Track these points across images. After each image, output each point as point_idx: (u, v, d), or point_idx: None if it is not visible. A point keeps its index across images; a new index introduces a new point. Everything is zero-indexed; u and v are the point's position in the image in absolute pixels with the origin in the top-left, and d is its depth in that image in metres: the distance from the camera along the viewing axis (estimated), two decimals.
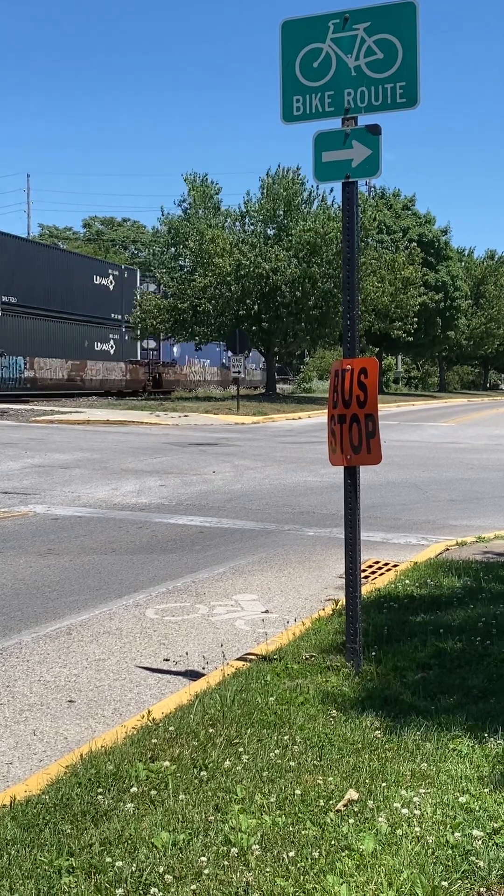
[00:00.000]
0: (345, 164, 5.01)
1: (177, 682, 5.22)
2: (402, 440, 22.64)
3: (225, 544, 9.26)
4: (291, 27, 5.19)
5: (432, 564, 7.71)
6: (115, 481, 13.88)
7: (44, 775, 3.80)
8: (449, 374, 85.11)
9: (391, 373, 74.38)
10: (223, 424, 28.21)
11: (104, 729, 4.51)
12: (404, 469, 15.98)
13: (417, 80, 4.91)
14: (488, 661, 5.06)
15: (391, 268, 44.69)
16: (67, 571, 7.96)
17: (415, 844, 3.10)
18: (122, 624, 6.42)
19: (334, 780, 3.60)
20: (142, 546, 9.15)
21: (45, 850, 3.10)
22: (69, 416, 28.58)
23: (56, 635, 6.13)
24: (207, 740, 4.00)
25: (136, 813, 3.35)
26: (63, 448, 18.78)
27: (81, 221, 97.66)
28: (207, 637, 6.13)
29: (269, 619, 6.53)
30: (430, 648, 5.26)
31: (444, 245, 61.88)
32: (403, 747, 3.91)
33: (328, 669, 4.96)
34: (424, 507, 11.92)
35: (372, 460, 4.88)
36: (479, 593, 6.57)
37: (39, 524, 10.23)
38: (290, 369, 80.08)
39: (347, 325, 5.01)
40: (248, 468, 16.01)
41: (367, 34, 4.98)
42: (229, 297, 38.83)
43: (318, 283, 38.50)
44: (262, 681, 4.77)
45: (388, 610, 6.17)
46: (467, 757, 3.82)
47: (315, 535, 9.76)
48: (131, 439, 21.76)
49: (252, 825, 3.23)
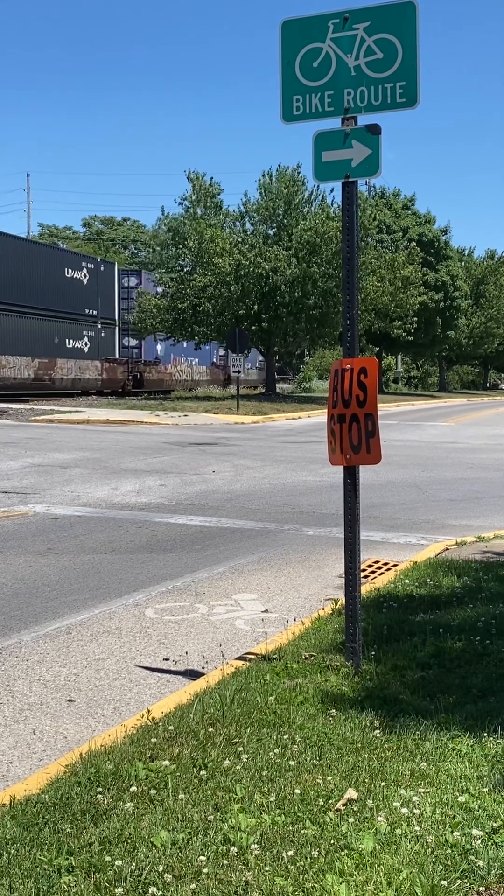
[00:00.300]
0: (345, 164, 5.01)
1: (176, 682, 5.22)
2: (401, 440, 22.64)
3: (225, 544, 9.26)
4: (291, 27, 5.20)
5: (432, 564, 7.71)
6: (115, 481, 13.88)
7: (43, 774, 3.80)
8: (449, 373, 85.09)
9: (391, 372, 74.39)
10: (223, 424, 28.21)
11: (104, 728, 4.51)
12: (404, 469, 15.98)
13: (417, 79, 4.91)
14: (488, 660, 5.06)
15: (391, 267, 44.70)
16: (67, 571, 7.96)
17: (414, 844, 3.11)
18: (122, 623, 6.42)
19: (334, 779, 3.61)
20: (141, 545, 9.15)
21: (45, 849, 3.10)
22: (69, 416, 28.59)
23: (56, 635, 6.13)
24: (207, 739, 4.00)
25: (136, 812, 3.36)
26: (63, 447, 18.78)
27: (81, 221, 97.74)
28: (207, 636, 6.13)
29: (268, 619, 6.54)
30: (430, 648, 5.27)
31: (444, 245, 61.90)
32: (403, 747, 3.92)
33: (328, 669, 4.96)
34: (424, 506, 11.92)
35: (371, 460, 4.88)
36: (478, 593, 6.57)
37: (39, 524, 10.23)
38: (290, 369, 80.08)
39: (347, 325, 5.01)
40: (248, 468, 16.01)
41: (366, 34, 4.98)
42: (229, 297, 38.82)
43: (317, 282, 38.50)
44: (262, 680, 4.78)
45: (387, 609, 6.17)
46: (467, 756, 3.82)
47: (315, 535, 9.77)
48: (131, 439, 21.77)
49: (251, 824, 3.23)
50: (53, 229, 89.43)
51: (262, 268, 38.19)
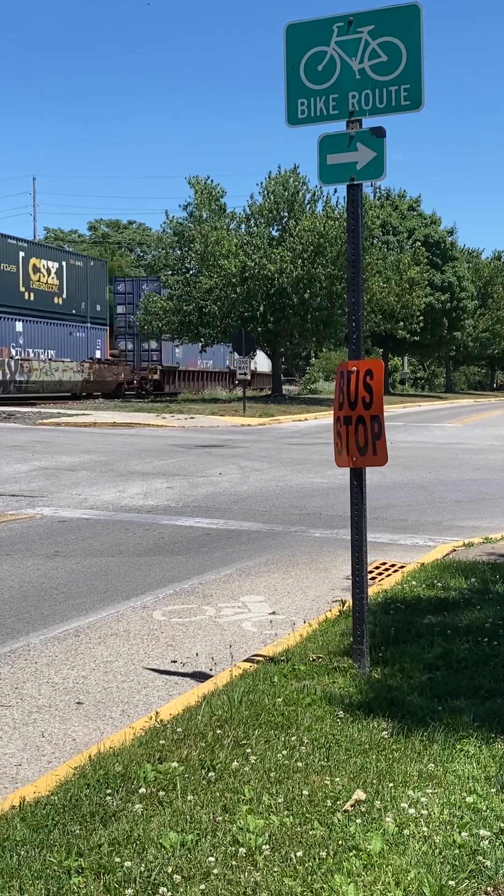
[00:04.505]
0: (349, 167, 5.02)
1: (184, 684, 5.24)
2: (408, 441, 22.63)
3: (232, 546, 9.27)
4: (296, 30, 5.21)
5: (439, 565, 7.71)
6: (122, 483, 13.90)
7: (52, 776, 3.82)
8: (455, 374, 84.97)
9: (397, 374, 74.32)
10: (229, 426, 28.23)
11: (112, 730, 4.53)
12: (411, 470, 15.97)
13: (422, 82, 4.92)
14: (495, 661, 5.06)
15: (396, 268, 44.68)
16: (75, 573, 7.99)
17: (422, 844, 3.12)
18: (130, 626, 6.44)
19: (341, 780, 3.62)
20: (149, 548, 9.17)
21: (55, 850, 3.12)
22: (75, 419, 28.63)
23: (64, 637, 6.15)
24: (215, 741, 4.02)
25: (145, 813, 3.37)
26: (69, 450, 18.82)
27: (87, 224, 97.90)
28: (215, 638, 6.14)
29: (276, 621, 6.55)
30: (438, 649, 5.27)
31: (451, 246, 61.81)
32: (410, 748, 3.92)
33: (335, 670, 4.97)
34: (431, 508, 11.92)
35: (378, 462, 4.89)
36: (486, 594, 6.57)
37: (47, 526, 10.26)
38: (296, 370, 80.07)
39: (353, 328, 5.02)
40: (255, 470, 16.03)
41: (371, 37, 4.99)
42: (235, 299, 38.86)
43: (323, 283, 38.51)
44: (270, 682, 4.79)
45: (394, 611, 6.17)
46: (474, 757, 3.83)
47: (322, 537, 9.77)
48: (137, 441, 21.80)
49: (260, 825, 3.25)
50: (59, 233, 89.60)
51: (268, 269, 38.22)
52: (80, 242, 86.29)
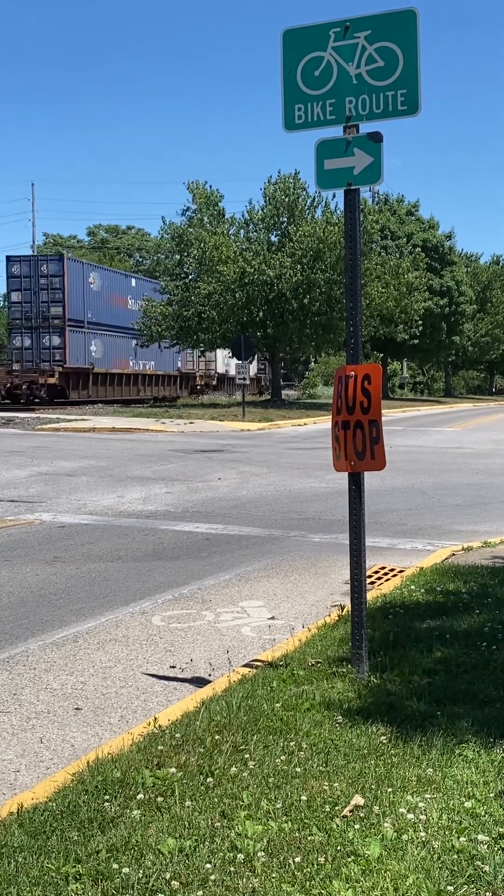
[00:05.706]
0: (347, 172, 5.03)
1: (183, 689, 5.23)
2: (407, 445, 22.63)
3: (231, 551, 9.27)
4: (293, 36, 5.22)
5: (438, 570, 7.70)
6: (121, 489, 13.90)
7: (51, 783, 3.82)
8: (454, 379, 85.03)
9: (396, 378, 74.37)
10: (229, 431, 28.23)
11: (111, 736, 4.52)
12: (410, 474, 15.97)
13: (418, 87, 4.93)
14: (494, 666, 5.06)
15: (395, 273, 44.73)
16: (74, 579, 7.98)
17: (420, 849, 3.11)
18: (129, 631, 6.43)
19: (340, 785, 3.61)
20: (148, 553, 9.17)
21: (53, 857, 3.11)
22: (74, 424, 28.63)
23: (62, 643, 6.15)
24: (214, 747, 4.01)
25: (143, 820, 3.37)
26: (69, 456, 18.82)
27: (86, 230, 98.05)
28: (213, 644, 6.14)
29: (274, 626, 6.54)
30: (436, 654, 5.27)
31: (449, 250, 61.95)
32: (409, 753, 3.92)
33: (334, 675, 4.97)
34: (430, 512, 11.92)
35: (376, 466, 4.89)
36: (485, 598, 6.56)
37: (46, 532, 10.26)
38: (295, 375, 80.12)
39: (351, 332, 5.02)
40: (254, 474, 16.03)
41: (367, 42, 5.00)
42: (234, 304, 38.89)
43: (322, 288, 38.55)
44: (268, 687, 4.78)
45: (393, 616, 6.17)
46: (473, 762, 3.82)
47: (321, 542, 9.77)
48: (137, 447, 21.80)
49: (258, 831, 3.24)
50: (58, 238, 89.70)
51: (267, 275, 38.26)
52: (78, 248, 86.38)
